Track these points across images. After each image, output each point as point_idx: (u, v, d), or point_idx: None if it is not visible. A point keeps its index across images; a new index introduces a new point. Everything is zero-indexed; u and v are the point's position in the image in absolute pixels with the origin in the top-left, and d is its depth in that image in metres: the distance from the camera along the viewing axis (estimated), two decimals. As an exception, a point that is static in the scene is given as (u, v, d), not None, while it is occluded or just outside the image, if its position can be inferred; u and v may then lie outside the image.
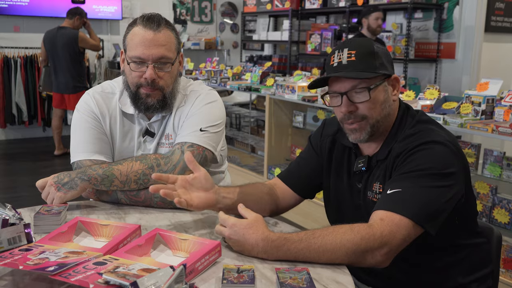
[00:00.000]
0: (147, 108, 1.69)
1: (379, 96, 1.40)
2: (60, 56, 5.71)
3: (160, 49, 1.62)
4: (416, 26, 5.24)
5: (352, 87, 1.37)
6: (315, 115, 4.09)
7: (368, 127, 1.40)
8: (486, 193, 2.82)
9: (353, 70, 1.36)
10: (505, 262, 2.69)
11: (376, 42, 1.44)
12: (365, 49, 1.38)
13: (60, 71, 5.74)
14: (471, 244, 1.48)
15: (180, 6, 8.29)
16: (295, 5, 6.14)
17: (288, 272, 1.12)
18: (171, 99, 1.71)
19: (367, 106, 1.38)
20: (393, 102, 1.44)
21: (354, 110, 1.39)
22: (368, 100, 1.37)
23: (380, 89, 1.39)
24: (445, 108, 2.91)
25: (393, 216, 1.24)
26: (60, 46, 5.69)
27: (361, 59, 1.37)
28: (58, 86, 5.80)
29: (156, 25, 1.62)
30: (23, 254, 1.13)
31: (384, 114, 1.42)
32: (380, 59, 1.39)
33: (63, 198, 1.55)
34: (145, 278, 0.94)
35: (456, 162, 1.34)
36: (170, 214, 1.56)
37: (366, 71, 1.36)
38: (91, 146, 1.69)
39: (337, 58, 1.39)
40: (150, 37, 1.61)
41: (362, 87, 1.37)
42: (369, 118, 1.40)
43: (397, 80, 1.45)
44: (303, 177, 1.62)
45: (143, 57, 1.62)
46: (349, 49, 1.38)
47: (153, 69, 1.62)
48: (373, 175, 1.45)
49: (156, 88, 1.65)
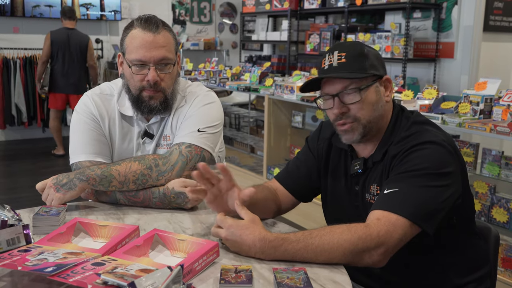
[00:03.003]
0: (150, 111, 1.69)
1: (371, 97, 1.40)
2: (73, 57, 5.79)
3: (161, 51, 1.62)
4: (415, 26, 5.25)
5: (343, 88, 1.39)
6: (314, 115, 4.10)
7: (361, 128, 1.41)
8: (485, 192, 2.83)
9: (343, 72, 1.38)
10: (503, 261, 2.70)
11: (367, 45, 1.45)
12: (355, 51, 1.40)
13: (72, 72, 5.80)
14: (468, 244, 1.49)
15: (179, 6, 8.29)
16: (294, 5, 6.14)
17: (285, 272, 1.12)
18: (172, 100, 1.72)
19: (358, 107, 1.40)
20: (385, 103, 1.45)
21: (346, 111, 1.41)
22: (359, 100, 1.39)
23: (371, 90, 1.40)
24: (443, 107, 2.92)
25: (390, 216, 1.24)
26: (74, 47, 5.77)
27: (352, 60, 1.38)
28: (67, 87, 5.83)
29: (155, 27, 1.63)
30: (22, 255, 1.14)
31: (376, 115, 1.42)
32: (370, 60, 1.40)
33: (62, 199, 1.55)
34: (143, 279, 0.94)
35: (453, 162, 1.34)
36: (168, 214, 1.57)
37: (357, 71, 1.38)
38: (90, 147, 1.70)
39: (328, 61, 1.41)
40: (150, 39, 1.62)
41: (352, 88, 1.38)
42: (361, 119, 1.41)
43: (389, 81, 1.46)
44: (302, 181, 1.62)
45: (145, 60, 1.62)
46: (339, 52, 1.40)
47: (155, 71, 1.63)
48: (370, 177, 1.45)
49: (159, 90, 1.66)
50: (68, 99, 5.92)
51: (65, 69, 5.79)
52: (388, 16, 5.63)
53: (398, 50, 4.82)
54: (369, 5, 5.11)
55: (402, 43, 4.79)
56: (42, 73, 5.81)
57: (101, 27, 7.60)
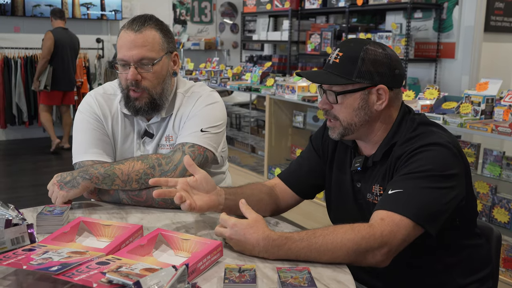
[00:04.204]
0: (136, 111, 1.70)
1: (351, 102, 1.40)
2: (69, 56, 6.14)
3: (140, 50, 1.63)
4: (416, 26, 5.25)
5: (328, 87, 1.42)
6: (315, 115, 4.10)
7: (341, 128, 1.43)
8: (486, 192, 2.83)
9: (330, 73, 1.40)
10: (505, 262, 2.70)
11: (374, 47, 1.39)
12: (352, 53, 1.39)
13: (68, 70, 6.16)
14: (471, 245, 1.49)
15: (180, 6, 8.29)
16: (294, 5, 6.14)
17: (289, 271, 1.13)
18: (162, 100, 1.72)
19: (337, 108, 1.42)
20: (375, 111, 1.42)
21: (329, 108, 1.44)
22: (337, 103, 1.41)
23: (354, 96, 1.40)
24: (444, 108, 2.92)
25: (393, 216, 1.25)
26: (70, 46, 6.15)
27: (343, 63, 1.39)
28: (65, 84, 6.17)
29: (138, 26, 1.64)
30: (27, 254, 1.14)
31: (359, 121, 1.41)
32: (364, 66, 1.37)
33: (65, 197, 1.56)
34: (148, 278, 0.94)
35: (457, 164, 1.34)
36: (171, 214, 1.57)
37: (341, 75, 1.38)
38: (93, 147, 1.70)
39: (331, 55, 1.43)
40: (131, 38, 1.63)
41: (332, 90, 1.41)
42: (340, 120, 1.43)
43: (384, 91, 1.39)
44: (303, 178, 1.63)
45: (125, 59, 1.64)
46: (340, 50, 1.41)
47: (134, 70, 1.64)
48: (371, 176, 1.45)
49: (141, 89, 1.66)
50: (63, 96, 6.26)
51: (65, 67, 6.09)
52: (389, 16, 5.63)
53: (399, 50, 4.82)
54: (370, 5, 5.11)
55: (403, 43, 4.80)
56: (42, 71, 5.95)
57: (102, 26, 7.60)
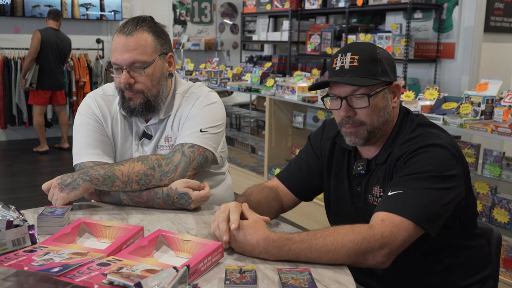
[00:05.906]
0: (131, 112, 1.70)
1: (379, 103, 1.40)
2: (56, 56, 6.15)
3: (132, 54, 1.63)
4: (416, 27, 5.25)
5: (352, 92, 1.38)
6: (315, 115, 4.10)
7: (365, 132, 1.41)
8: (486, 193, 2.84)
9: (354, 76, 1.36)
10: (505, 262, 2.70)
11: (380, 48, 1.43)
12: (368, 54, 1.38)
13: (56, 70, 6.20)
14: (471, 246, 1.49)
15: (179, 6, 8.30)
16: (294, 6, 6.14)
17: (290, 272, 1.13)
18: (158, 102, 1.72)
19: (365, 112, 1.39)
20: (392, 109, 1.44)
21: (352, 115, 1.40)
22: (367, 106, 1.38)
23: (380, 96, 1.40)
24: (444, 108, 2.93)
25: (394, 217, 1.25)
26: (61, 48, 6.17)
27: (364, 65, 1.37)
28: (51, 84, 6.18)
29: (129, 30, 1.64)
30: (28, 255, 1.14)
31: (382, 121, 1.42)
32: (382, 65, 1.39)
33: (66, 199, 1.56)
34: (149, 279, 0.95)
35: (457, 165, 1.34)
36: (172, 215, 1.57)
37: (368, 77, 1.36)
38: (93, 148, 1.71)
39: (340, 62, 1.39)
40: (122, 42, 1.64)
41: (362, 93, 1.37)
42: (367, 125, 1.40)
43: (398, 87, 1.44)
44: (303, 180, 1.63)
45: (118, 63, 1.65)
46: (352, 54, 1.38)
47: (127, 74, 1.64)
48: (373, 179, 1.45)
49: (136, 91, 1.67)
50: (51, 96, 6.28)
51: (52, 67, 6.12)
52: (389, 17, 5.64)
53: (399, 50, 4.82)
54: (370, 6, 5.11)
55: (403, 44, 4.80)
56: (28, 69, 6.02)
57: (102, 27, 7.60)
